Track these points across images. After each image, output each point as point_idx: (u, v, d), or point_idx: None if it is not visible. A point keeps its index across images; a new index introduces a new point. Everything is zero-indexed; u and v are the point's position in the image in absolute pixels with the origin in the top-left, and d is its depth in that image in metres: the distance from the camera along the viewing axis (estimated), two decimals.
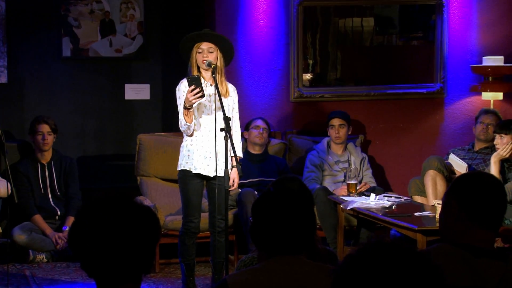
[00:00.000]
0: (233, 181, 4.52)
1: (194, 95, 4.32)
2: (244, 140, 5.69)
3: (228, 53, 4.57)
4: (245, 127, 5.78)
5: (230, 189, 4.43)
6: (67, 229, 5.58)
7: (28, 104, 6.34)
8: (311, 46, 6.34)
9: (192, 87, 4.31)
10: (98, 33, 6.37)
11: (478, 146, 5.71)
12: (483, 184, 2.17)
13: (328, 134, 5.82)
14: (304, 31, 6.22)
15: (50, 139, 5.74)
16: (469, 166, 5.49)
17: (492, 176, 2.42)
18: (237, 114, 4.70)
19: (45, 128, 5.72)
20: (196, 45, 4.50)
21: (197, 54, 4.49)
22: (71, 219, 5.65)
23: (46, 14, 6.29)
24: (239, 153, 4.57)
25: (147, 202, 5.60)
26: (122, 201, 1.80)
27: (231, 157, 4.39)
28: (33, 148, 5.83)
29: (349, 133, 5.87)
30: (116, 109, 6.52)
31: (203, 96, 4.35)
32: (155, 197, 5.71)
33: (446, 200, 2.20)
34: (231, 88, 4.65)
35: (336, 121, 5.74)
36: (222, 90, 4.48)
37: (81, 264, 1.80)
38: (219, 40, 4.54)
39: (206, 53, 4.48)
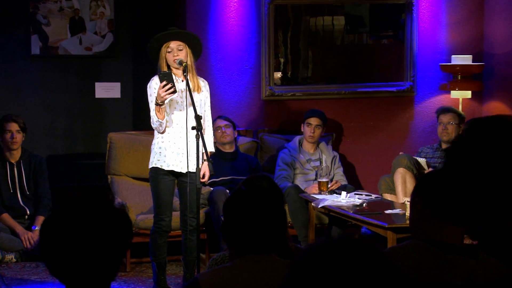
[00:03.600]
0: (203, 175, 4.50)
1: (166, 91, 4.30)
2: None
3: (196, 48, 4.56)
4: None
5: (202, 180, 4.40)
6: (36, 228, 5.53)
7: None
8: (282, 44, 6.35)
9: (164, 82, 4.30)
10: (68, 31, 6.32)
11: (444, 145, 5.77)
12: (445, 180, 2.19)
13: (301, 130, 5.83)
14: (275, 29, 6.23)
15: (19, 137, 5.67)
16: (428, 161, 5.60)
17: (456, 171, 2.43)
18: (209, 108, 4.69)
19: (14, 126, 5.65)
20: (164, 45, 4.47)
21: (167, 53, 4.47)
22: (40, 219, 5.59)
23: (15, 11, 6.22)
24: (211, 148, 4.55)
25: (118, 200, 5.57)
26: (96, 203, 1.77)
27: (202, 153, 4.39)
28: (1, 147, 5.76)
29: (323, 134, 5.90)
30: (86, 107, 6.47)
31: (175, 92, 4.34)
32: (126, 196, 5.68)
33: (412, 198, 2.22)
34: (203, 83, 4.64)
35: (314, 121, 5.74)
36: (193, 86, 4.48)
37: (49, 268, 1.76)
38: (187, 37, 4.52)
39: (176, 51, 4.46)
